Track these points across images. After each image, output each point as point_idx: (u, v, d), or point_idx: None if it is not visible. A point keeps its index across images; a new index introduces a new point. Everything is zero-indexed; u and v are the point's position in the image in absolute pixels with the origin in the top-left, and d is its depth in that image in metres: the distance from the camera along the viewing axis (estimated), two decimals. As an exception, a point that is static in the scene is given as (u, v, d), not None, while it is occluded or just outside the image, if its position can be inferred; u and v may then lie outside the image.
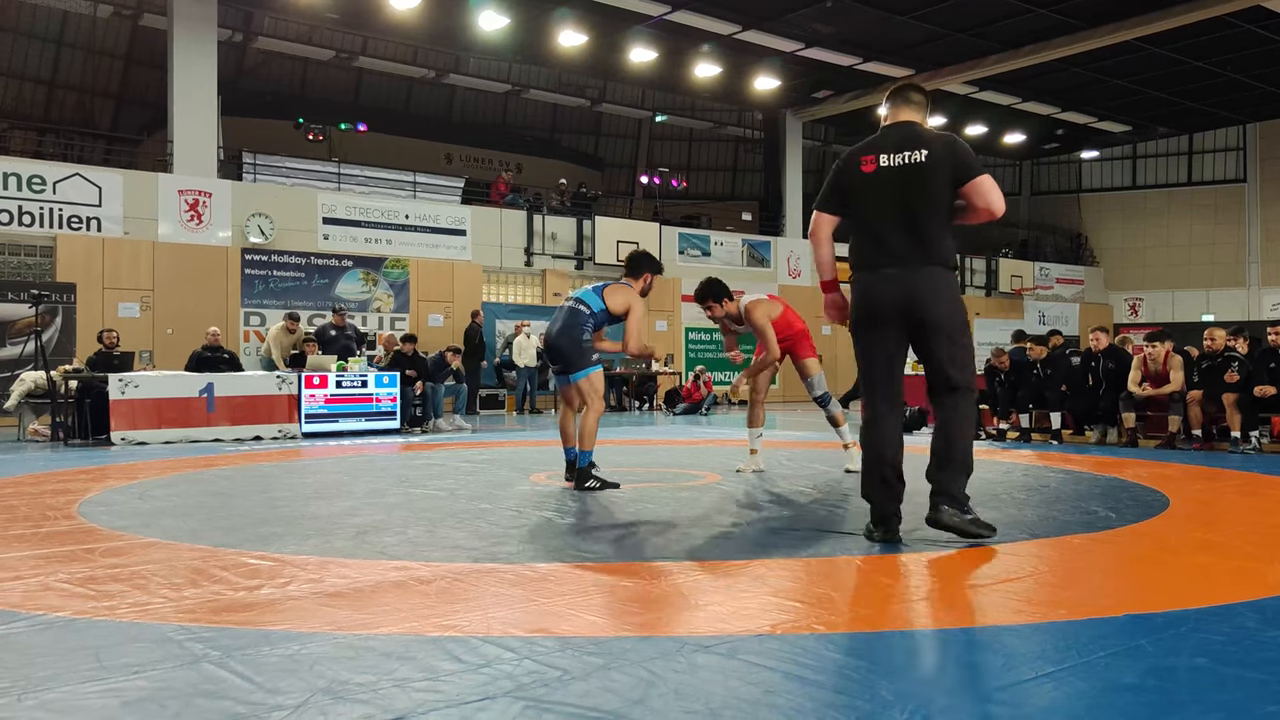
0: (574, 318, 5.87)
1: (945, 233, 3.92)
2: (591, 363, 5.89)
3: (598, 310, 5.90)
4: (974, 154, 3.97)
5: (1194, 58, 19.84)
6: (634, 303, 5.97)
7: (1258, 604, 2.98)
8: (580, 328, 5.85)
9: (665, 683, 2.25)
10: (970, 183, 3.86)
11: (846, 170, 4.05)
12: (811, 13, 17.27)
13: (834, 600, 3.08)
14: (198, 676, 2.33)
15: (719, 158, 29.93)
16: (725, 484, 6.16)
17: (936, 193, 3.87)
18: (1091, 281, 28.63)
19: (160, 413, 10.23)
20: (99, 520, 4.82)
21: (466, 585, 3.30)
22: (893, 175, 3.91)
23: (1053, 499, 5.46)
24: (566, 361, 5.91)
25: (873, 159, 3.97)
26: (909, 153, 3.91)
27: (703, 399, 17.00)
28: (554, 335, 5.93)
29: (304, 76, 24.06)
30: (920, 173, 3.87)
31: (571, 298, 6.06)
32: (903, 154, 3.92)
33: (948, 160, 3.87)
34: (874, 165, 3.96)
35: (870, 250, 3.98)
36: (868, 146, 4.03)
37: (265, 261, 15.91)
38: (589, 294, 6.01)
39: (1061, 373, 10.02)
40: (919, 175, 3.87)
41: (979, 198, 3.87)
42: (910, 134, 3.97)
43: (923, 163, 3.87)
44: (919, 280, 3.87)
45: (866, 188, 3.97)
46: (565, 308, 5.98)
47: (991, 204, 3.86)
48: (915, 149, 3.90)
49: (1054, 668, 2.35)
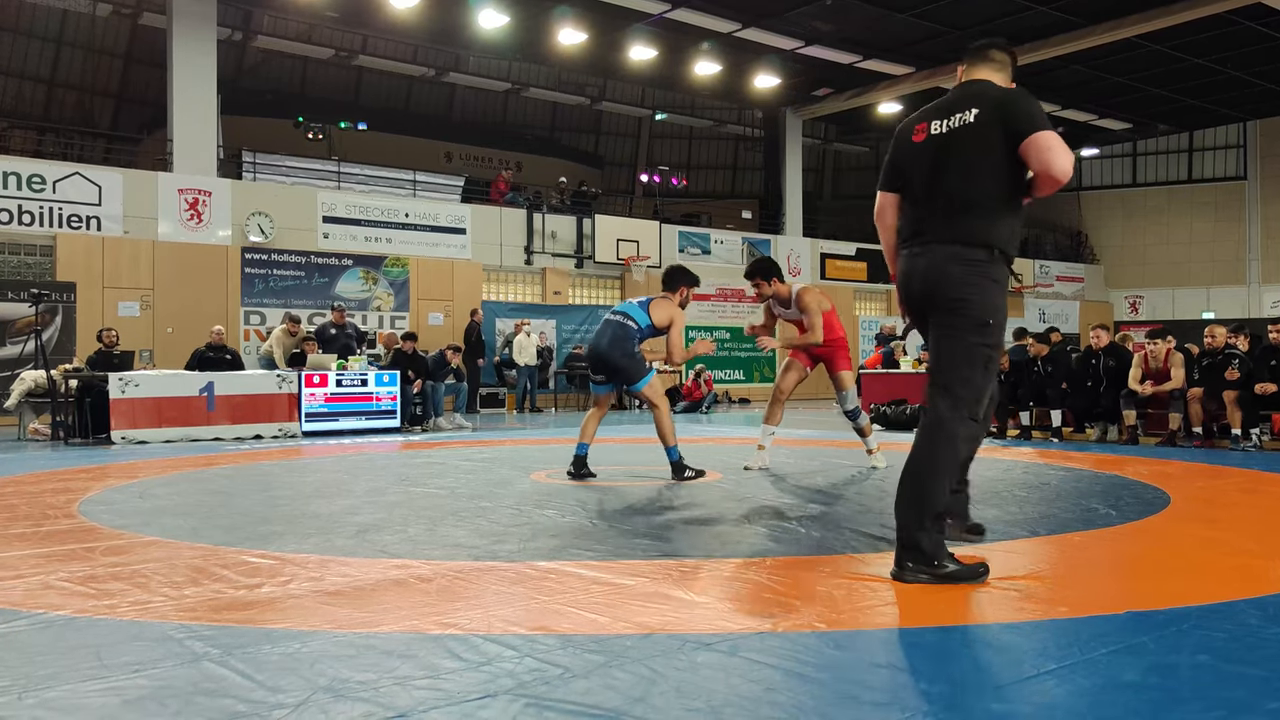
0: (623, 331, 6.22)
1: (992, 206, 3.27)
2: (646, 370, 6.28)
3: (644, 325, 6.26)
4: (1036, 107, 3.28)
5: (1194, 55, 19.83)
6: (676, 316, 6.34)
7: (1259, 601, 2.98)
8: (630, 340, 6.21)
9: (667, 680, 2.25)
10: (1025, 140, 3.18)
11: (899, 141, 3.54)
12: (811, 10, 17.26)
13: (835, 598, 3.08)
14: (198, 675, 2.33)
15: (719, 156, 29.92)
16: (726, 482, 6.16)
17: (981, 157, 3.27)
18: (1092, 279, 28.63)
19: (160, 412, 10.23)
20: (99, 519, 4.82)
21: (467, 583, 3.29)
22: (940, 142, 3.35)
23: (1053, 496, 5.46)
24: (623, 375, 6.27)
25: (924, 126, 3.42)
26: (960, 114, 3.32)
27: (703, 397, 17.00)
28: (604, 349, 6.23)
29: (304, 75, 24.05)
30: (968, 134, 3.29)
31: (616, 311, 6.37)
32: (954, 116, 3.34)
33: (998, 117, 3.25)
34: (924, 133, 3.41)
35: (904, 227, 3.47)
36: (922, 113, 3.50)
37: (265, 260, 15.90)
38: (634, 309, 6.32)
39: (1062, 370, 10.02)
40: (966, 137, 3.29)
41: (1034, 159, 3.17)
42: (968, 93, 3.38)
43: (971, 123, 3.29)
44: (933, 259, 3.30)
45: (916, 159, 3.42)
46: (613, 322, 6.29)
47: (1049, 165, 3.14)
48: (967, 109, 3.32)
49: (1055, 665, 2.35)
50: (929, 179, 3.36)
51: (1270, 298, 26.07)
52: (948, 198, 3.31)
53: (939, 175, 3.34)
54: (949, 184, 3.31)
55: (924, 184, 3.38)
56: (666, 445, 6.30)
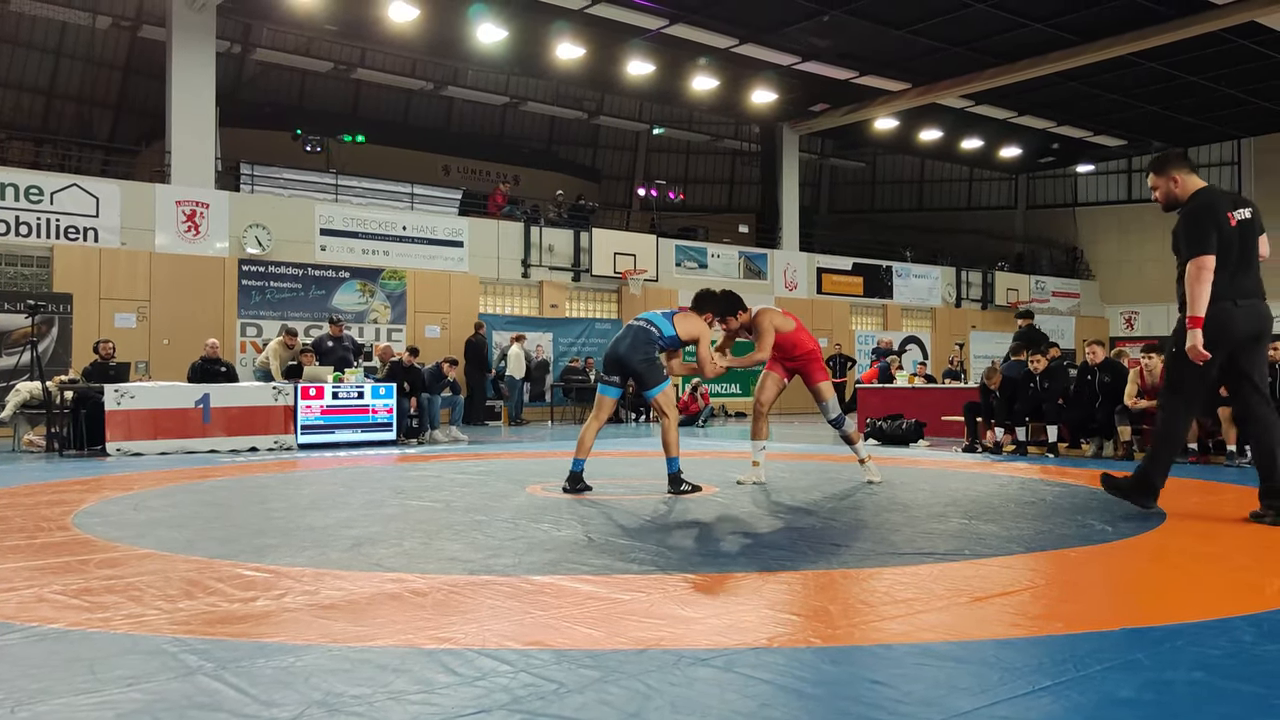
0: (645, 336, 6.21)
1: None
2: (662, 378, 6.24)
3: (668, 335, 6.25)
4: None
5: (1189, 73, 19.95)
6: (702, 331, 6.34)
7: (1255, 617, 2.98)
8: (651, 345, 6.20)
9: (661, 696, 2.25)
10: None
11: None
12: (809, 26, 17.35)
13: (830, 613, 3.08)
14: (192, 689, 2.33)
15: (716, 170, 30.02)
16: (722, 496, 6.15)
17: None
18: (1087, 295, 28.70)
19: (156, 423, 10.21)
20: (94, 531, 4.80)
21: (462, 597, 3.29)
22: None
23: (1049, 512, 5.46)
24: (639, 379, 6.24)
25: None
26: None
27: (699, 411, 16.99)
28: (623, 350, 6.19)
29: (302, 88, 24.12)
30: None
31: (641, 318, 6.37)
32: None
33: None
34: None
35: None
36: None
37: (262, 272, 15.91)
38: (659, 318, 6.32)
39: (1058, 386, 10.04)
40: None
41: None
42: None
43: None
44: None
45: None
46: (635, 326, 6.29)
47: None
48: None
49: (1050, 681, 2.35)
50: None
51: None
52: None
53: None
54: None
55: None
56: (669, 455, 6.28)
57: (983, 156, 27.12)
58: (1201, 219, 4.87)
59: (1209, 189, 5.04)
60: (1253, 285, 4.94)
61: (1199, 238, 4.82)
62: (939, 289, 25.83)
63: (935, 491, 6.41)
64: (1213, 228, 4.81)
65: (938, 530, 4.72)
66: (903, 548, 4.23)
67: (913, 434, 11.52)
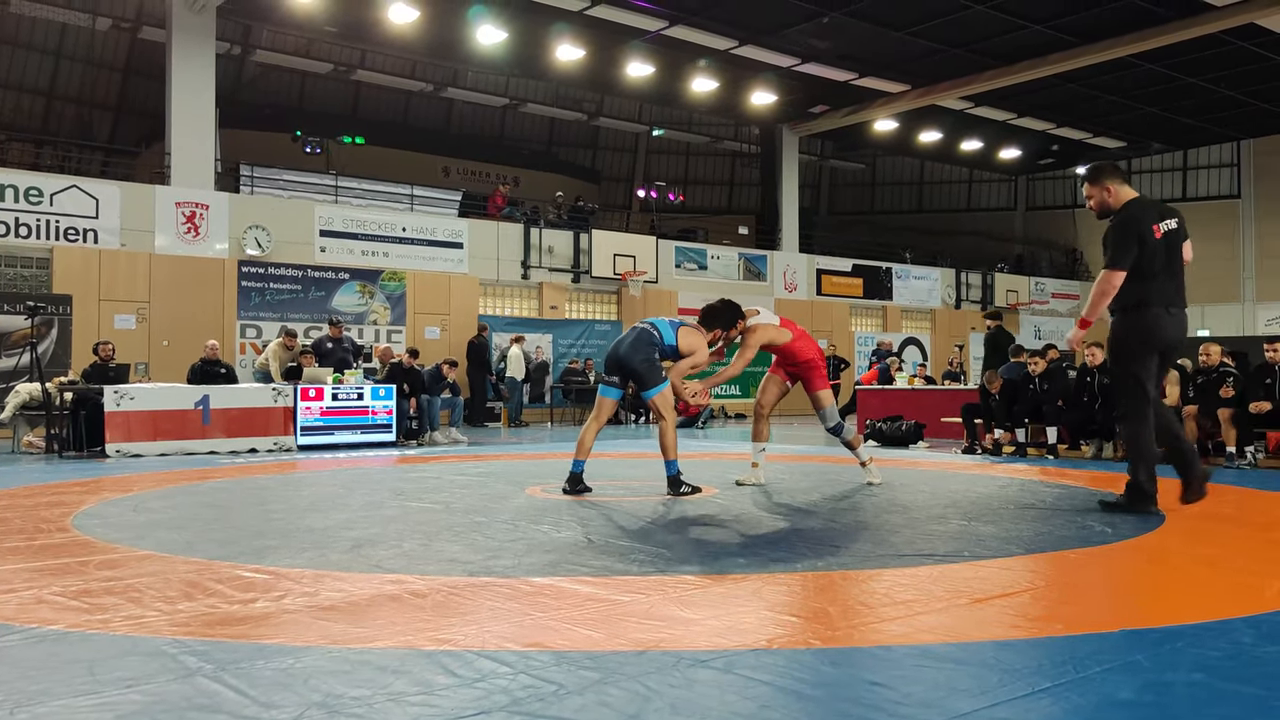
0: (648, 338, 6.27)
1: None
2: (661, 380, 6.28)
3: (668, 344, 6.29)
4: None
5: (1188, 74, 19.96)
6: (699, 350, 6.36)
7: (1254, 619, 2.98)
8: (653, 348, 6.25)
9: (661, 697, 2.25)
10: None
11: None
12: (808, 28, 17.35)
13: (830, 615, 3.08)
14: (192, 690, 2.33)
15: (716, 172, 30.03)
16: (721, 497, 6.15)
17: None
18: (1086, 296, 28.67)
19: (155, 425, 10.21)
20: (93, 533, 4.80)
21: (462, 599, 3.29)
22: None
23: (1049, 514, 5.46)
24: (637, 380, 6.28)
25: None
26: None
27: (699, 413, 16.99)
28: (624, 350, 6.24)
29: (302, 89, 24.12)
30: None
31: (646, 322, 6.42)
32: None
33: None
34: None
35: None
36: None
37: (262, 274, 15.90)
38: (665, 326, 6.38)
39: (1058, 387, 10.04)
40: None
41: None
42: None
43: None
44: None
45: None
46: (638, 328, 6.36)
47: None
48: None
49: (1050, 683, 2.35)
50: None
51: (1265, 315, 26.15)
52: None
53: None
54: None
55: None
56: (667, 458, 6.30)
57: (982, 158, 27.13)
58: (1128, 231, 5.16)
59: (1139, 200, 5.32)
60: (1177, 293, 5.25)
61: (1120, 251, 5.16)
62: (939, 290, 25.84)
63: (935, 493, 6.41)
64: (1135, 241, 5.11)
65: (937, 532, 4.72)
66: (902, 549, 4.24)
67: (912, 435, 11.52)
